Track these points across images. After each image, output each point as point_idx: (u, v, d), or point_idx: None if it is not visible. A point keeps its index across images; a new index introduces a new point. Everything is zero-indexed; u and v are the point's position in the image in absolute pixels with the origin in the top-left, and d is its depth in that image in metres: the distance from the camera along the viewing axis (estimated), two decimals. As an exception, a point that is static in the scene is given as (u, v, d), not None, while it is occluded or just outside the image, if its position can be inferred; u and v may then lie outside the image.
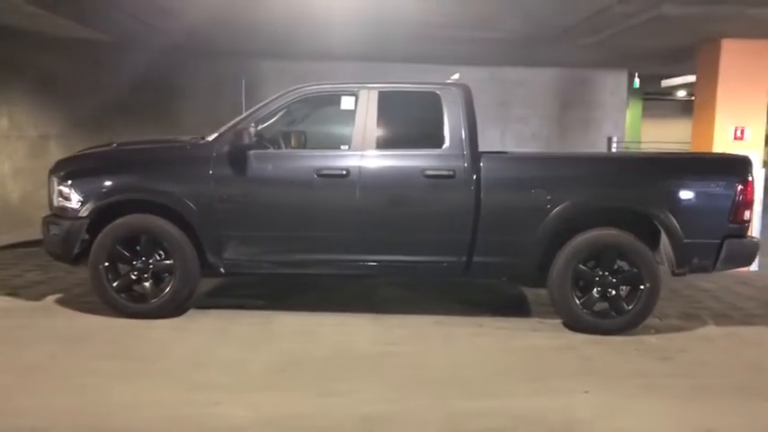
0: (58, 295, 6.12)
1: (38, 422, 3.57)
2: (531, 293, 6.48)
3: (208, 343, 4.93)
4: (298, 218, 5.37)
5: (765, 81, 8.23)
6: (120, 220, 5.36)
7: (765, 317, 6.01)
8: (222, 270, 5.47)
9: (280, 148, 5.55)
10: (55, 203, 5.54)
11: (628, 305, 5.28)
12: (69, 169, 5.58)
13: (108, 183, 5.43)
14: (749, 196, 5.25)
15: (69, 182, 5.42)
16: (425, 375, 4.39)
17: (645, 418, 3.81)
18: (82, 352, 4.68)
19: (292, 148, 5.80)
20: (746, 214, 5.27)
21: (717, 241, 5.22)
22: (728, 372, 4.61)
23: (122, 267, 5.48)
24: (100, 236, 5.36)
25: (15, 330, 5.14)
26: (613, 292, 5.30)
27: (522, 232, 5.28)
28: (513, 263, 5.38)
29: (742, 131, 8.21)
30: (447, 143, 5.35)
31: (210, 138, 5.48)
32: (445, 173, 5.28)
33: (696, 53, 8.75)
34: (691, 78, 12.11)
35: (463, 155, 5.30)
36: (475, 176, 5.25)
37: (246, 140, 5.17)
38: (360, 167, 5.28)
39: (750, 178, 5.27)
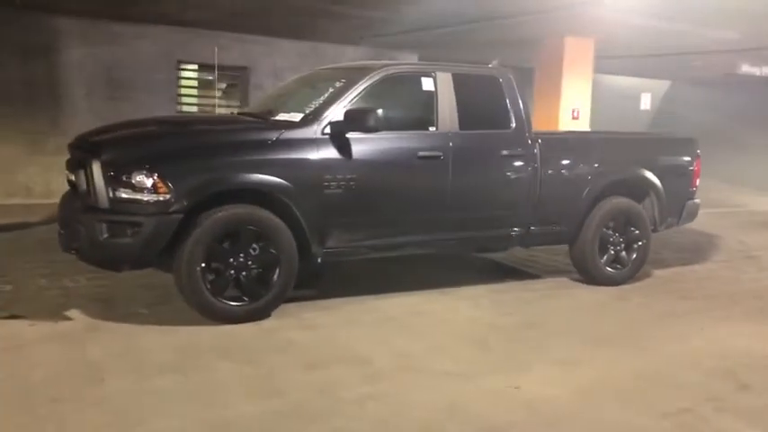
0: (93, 307, 5.00)
1: None
2: (496, 258, 7.26)
3: (384, 334, 4.73)
4: (400, 200, 5.33)
5: (589, 71, 10.21)
6: (222, 214, 4.66)
7: (702, 255, 7.75)
8: (319, 260, 5.14)
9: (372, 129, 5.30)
10: (111, 196, 4.53)
11: (629, 259, 6.45)
12: (146, 153, 4.62)
13: (209, 169, 4.65)
14: (699, 168, 6.82)
15: (151, 168, 4.50)
16: (600, 333, 4.94)
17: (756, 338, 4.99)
18: (277, 363, 4.12)
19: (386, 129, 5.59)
20: (697, 182, 6.84)
21: (683, 203, 6.71)
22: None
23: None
24: (198, 231, 4.59)
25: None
26: (621, 250, 6.42)
27: (569, 204, 6.05)
28: (561, 231, 6.12)
29: (578, 112, 10.07)
30: (514, 124, 5.81)
31: (299, 118, 5.07)
32: (517, 152, 5.76)
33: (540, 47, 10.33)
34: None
35: (526, 135, 5.84)
36: (536, 155, 5.84)
37: (372, 122, 4.93)
38: (451, 148, 5.45)
39: (699, 153, 6.84)
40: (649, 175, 6.42)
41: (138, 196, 4.51)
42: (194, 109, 11.58)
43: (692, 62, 12.21)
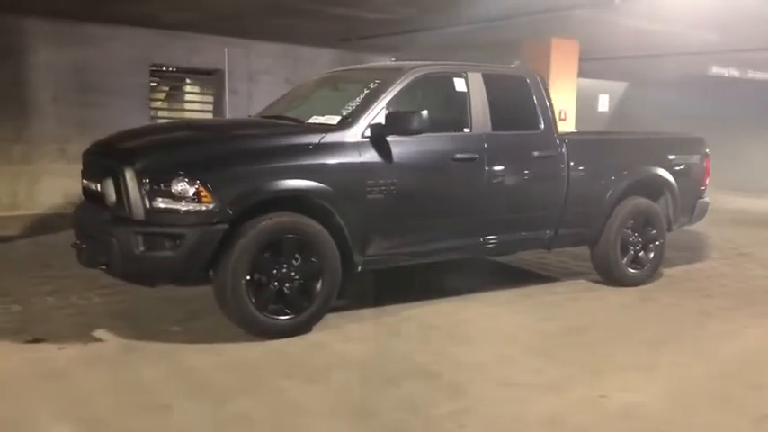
0: (116, 327, 4.63)
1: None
2: (507, 261, 7.16)
3: (437, 344, 4.55)
4: (438, 205, 5.16)
5: (574, 72, 10.24)
6: (268, 222, 4.38)
7: (699, 253, 7.81)
8: (358, 269, 4.91)
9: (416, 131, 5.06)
10: (148, 206, 4.20)
11: (647, 259, 6.45)
12: (186, 159, 4.30)
13: (254, 176, 4.37)
14: (708, 166, 6.89)
15: (193, 175, 4.19)
16: (650, 336, 4.87)
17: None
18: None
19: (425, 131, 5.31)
20: (707, 181, 6.90)
21: (695, 202, 6.76)
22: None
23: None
24: (243, 242, 4.30)
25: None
26: (640, 250, 6.40)
27: (594, 205, 5.99)
28: (586, 232, 6.05)
29: (565, 114, 10.07)
30: (542, 125, 5.71)
31: (336, 121, 4.84)
32: (548, 153, 5.66)
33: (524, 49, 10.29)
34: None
35: (555, 136, 5.75)
36: (564, 156, 5.75)
37: (416, 125, 4.74)
38: (485, 150, 5.30)
39: (708, 152, 6.90)
40: (666, 174, 6.43)
41: (179, 206, 4.20)
42: (166, 114, 11.12)
43: (663, 64, 12.44)
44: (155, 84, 10.93)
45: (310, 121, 5.01)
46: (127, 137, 4.90)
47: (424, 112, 4.76)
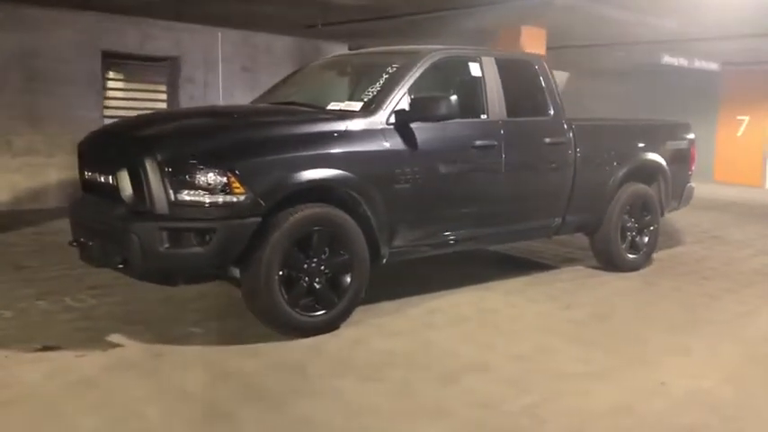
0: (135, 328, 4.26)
1: None
2: (501, 250, 7.11)
3: (476, 336, 4.42)
4: (461, 193, 5.01)
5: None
6: (301, 214, 4.13)
7: (675, 238, 7.93)
8: (384, 261, 4.71)
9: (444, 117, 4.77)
10: (173, 199, 3.88)
11: (643, 244, 6.50)
12: (214, 147, 3.99)
13: (286, 165, 4.09)
14: (694, 151, 7.01)
15: (224, 165, 3.89)
16: (673, 320, 4.88)
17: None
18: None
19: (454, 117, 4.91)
20: (693, 166, 7.02)
21: (683, 186, 6.87)
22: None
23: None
24: (277, 235, 4.04)
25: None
26: (636, 235, 6.45)
27: (598, 191, 5.98)
28: (590, 219, 6.03)
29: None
30: (552, 111, 5.64)
31: (358, 107, 4.62)
32: (559, 140, 5.60)
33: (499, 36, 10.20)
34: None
35: (563, 122, 5.69)
36: (572, 142, 5.71)
37: (444, 110, 4.56)
38: (502, 136, 5.19)
39: (694, 138, 7.02)
40: (661, 159, 6.50)
41: (208, 198, 3.89)
42: (119, 104, 10.51)
43: (616, 52, 12.66)
44: (107, 71, 10.28)
45: (330, 107, 4.76)
46: (141, 124, 4.53)
47: (453, 97, 4.60)
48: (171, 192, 3.88)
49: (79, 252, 4.46)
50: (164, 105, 11.07)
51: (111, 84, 10.42)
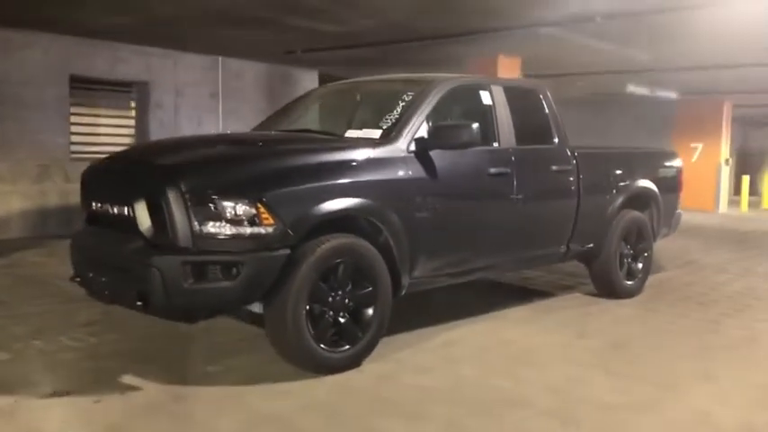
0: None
1: None
2: (495, 279, 7.05)
3: (502, 367, 4.30)
4: (478, 222, 4.95)
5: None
6: (328, 245, 3.98)
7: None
8: (403, 292, 4.58)
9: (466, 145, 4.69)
10: (197, 231, 3.69)
11: (638, 270, 6.55)
12: (241, 177, 3.82)
13: (314, 195, 3.94)
14: (682, 179, 7.14)
15: (253, 195, 3.73)
16: (689, 348, 4.88)
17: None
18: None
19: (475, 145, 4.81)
20: (681, 194, 7.15)
21: (673, 213, 6.98)
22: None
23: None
24: (305, 267, 3.88)
25: None
26: (632, 262, 6.50)
27: (598, 218, 6.00)
28: (593, 246, 6.03)
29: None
30: (556, 138, 5.65)
31: (377, 135, 4.52)
32: (564, 167, 5.61)
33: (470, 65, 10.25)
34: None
35: (567, 149, 5.71)
36: (576, 170, 5.73)
37: (466, 138, 4.50)
38: (513, 163, 5.16)
39: (681, 166, 7.15)
40: (654, 187, 6.59)
41: (235, 230, 3.71)
42: (86, 130, 10.15)
43: (578, 81, 12.92)
44: (74, 96, 9.92)
45: (348, 134, 4.65)
46: (158, 151, 4.32)
47: (475, 125, 4.54)
48: (195, 223, 3.69)
49: (86, 289, 4.20)
50: (132, 131, 10.74)
51: (78, 109, 10.04)
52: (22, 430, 3.27)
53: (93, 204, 4.27)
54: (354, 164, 4.22)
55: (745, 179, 18.00)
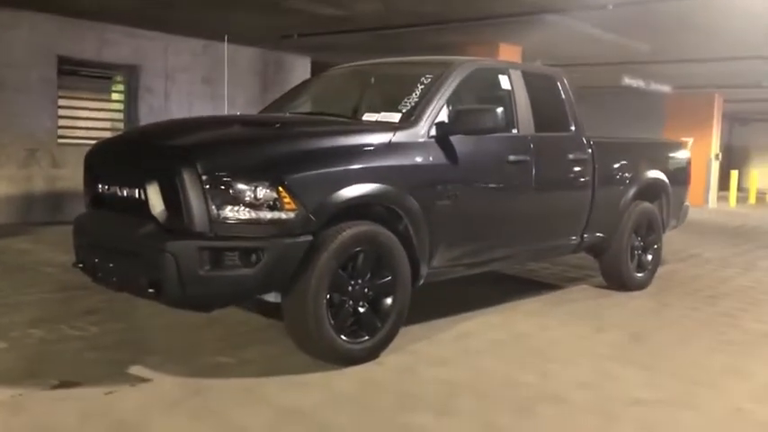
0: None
1: None
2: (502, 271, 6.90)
3: (523, 360, 4.13)
4: (498, 210, 4.79)
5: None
6: (349, 233, 3.78)
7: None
8: (421, 282, 4.41)
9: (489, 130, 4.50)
10: (214, 215, 3.48)
11: (648, 262, 6.44)
12: (263, 159, 3.61)
13: (337, 179, 3.74)
14: (690, 171, 7.04)
15: (275, 178, 3.52)
16: (709, 341, 4.77)
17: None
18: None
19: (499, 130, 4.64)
20: (689, 185, 7.05)
21: (681, 205, 6.88)
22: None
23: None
24: (326, 255, 3.68)
25: None
26: (642, 254, 6.38)
27: (612, 209, 5.87)
28: (605, 237, 5.90)
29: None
30: (573, 126, 5.50)
31: (396, 118, 4.33)
32: (580, 156, 5.46)
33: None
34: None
35: (584, 138, 5.56)
36: (592, 159, 5.58)
37: (490, 123, 4.32)
38: (532, 151, 5.00)
39: (690, 157, 7.05)
40: (665, 178, 6.47)
41: (255, 214, 3.51)
42: (74, 114, 9.83)
43: (573, 73, 12.78)
44: (62, 78, 9.59)
45: (365, 118, 4.45)
46: (171, 131, 4.08)
47: (499, 109, 4.36)
48: (213, 207, 3.47)
49: (90, 276, 3.97)
50: (121, 116, 10.43)
51: (66, 92, 9.71)
52: (31, 425, 3.05)
53: (100, 187, 4.03)
54: (375, 148, 4.03)
55: (734, 174, 18.06)
